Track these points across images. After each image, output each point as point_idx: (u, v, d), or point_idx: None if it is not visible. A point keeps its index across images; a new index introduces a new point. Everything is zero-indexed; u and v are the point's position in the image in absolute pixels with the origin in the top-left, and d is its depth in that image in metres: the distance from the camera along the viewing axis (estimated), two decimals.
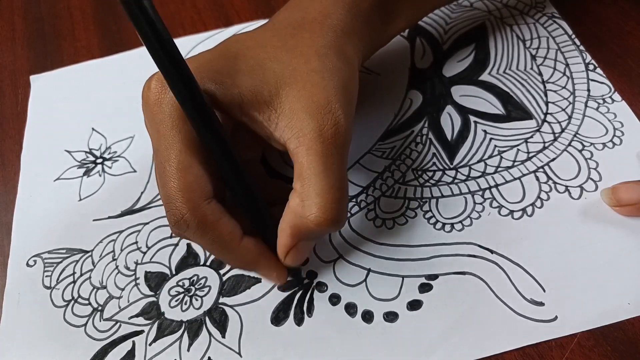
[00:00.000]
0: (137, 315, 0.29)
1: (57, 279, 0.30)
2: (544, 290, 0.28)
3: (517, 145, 0.33)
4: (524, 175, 0.32)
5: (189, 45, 0.41)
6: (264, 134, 0.27)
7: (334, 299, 0.28)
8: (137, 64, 0.40)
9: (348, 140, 0.26)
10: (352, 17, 0.29)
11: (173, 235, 0.31)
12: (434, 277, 0.29)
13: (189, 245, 0.31)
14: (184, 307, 0.29)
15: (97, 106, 0.38)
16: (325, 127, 0.24)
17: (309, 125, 0.24)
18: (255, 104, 0.25)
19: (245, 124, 0.27)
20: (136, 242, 0.31)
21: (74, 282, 0.30)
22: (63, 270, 0.31)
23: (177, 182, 0.24)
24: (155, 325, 0.28)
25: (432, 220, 0.30)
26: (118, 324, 0.29)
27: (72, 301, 0.30)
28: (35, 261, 0.31)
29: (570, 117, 0.34)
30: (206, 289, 0.29)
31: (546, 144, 0.33)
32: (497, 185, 0.32)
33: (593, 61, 0.36)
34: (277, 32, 0.28)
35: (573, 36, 0.38)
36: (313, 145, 0.24)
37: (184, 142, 0.24)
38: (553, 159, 0.32)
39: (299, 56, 0.26)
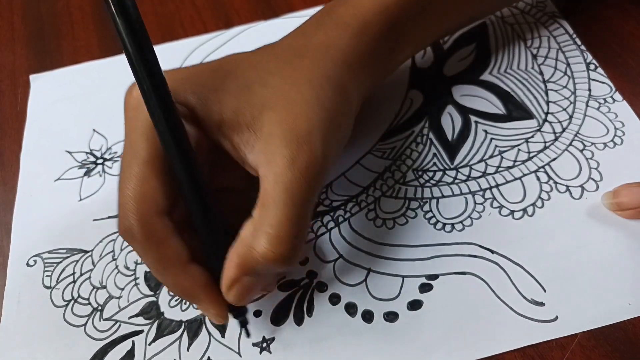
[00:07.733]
0: (136, 315, 0.29)
1: (57, 279, 0.30)
2: (545, 291, 0.27)
3: (518, 145, 0.33)
4: (524, 175, 0.32)
5: (189, 48, 0.40)
6: (237, 157, 0.25)
7: (334, 299, 0.28)
8: None
9: (322, 177, 0.24)
10: (358, 48, 0.28)
11: None
12: (434, 277, 0.28)
13: None
14: (184, 306, 0.29)
15: (98, 107, 0.38)
16: (299, 158, 0.23)
17: (282, 153, 0.23)
18: (235, 124, 0.24)
19: (220, 144, 0.25)
20: None
21: (74, 282, 0.30)
22: (63, 270, 0.31)
23: (133, 191, 0.23)
24: (155, 325, 0.28)
25: (433, 221, 0.30)
26: (118, 323, 0.29)
27: (72, 301, 0.30)
28: (35, 261, 0.31)
29: (571, 117, 0.34)
30: None
31: (547, 144, 0.33)
32: (497, 185, 0.31)
33: (594, 61, 0.36)
34: (276, 57, 0.27)
35: (574, 36, 0.38)
36: (282, 174, 0.23)
37: (149, 152, 0.24)
38: (554, 159, 0.32)
39: (291, 83, 0.25)
